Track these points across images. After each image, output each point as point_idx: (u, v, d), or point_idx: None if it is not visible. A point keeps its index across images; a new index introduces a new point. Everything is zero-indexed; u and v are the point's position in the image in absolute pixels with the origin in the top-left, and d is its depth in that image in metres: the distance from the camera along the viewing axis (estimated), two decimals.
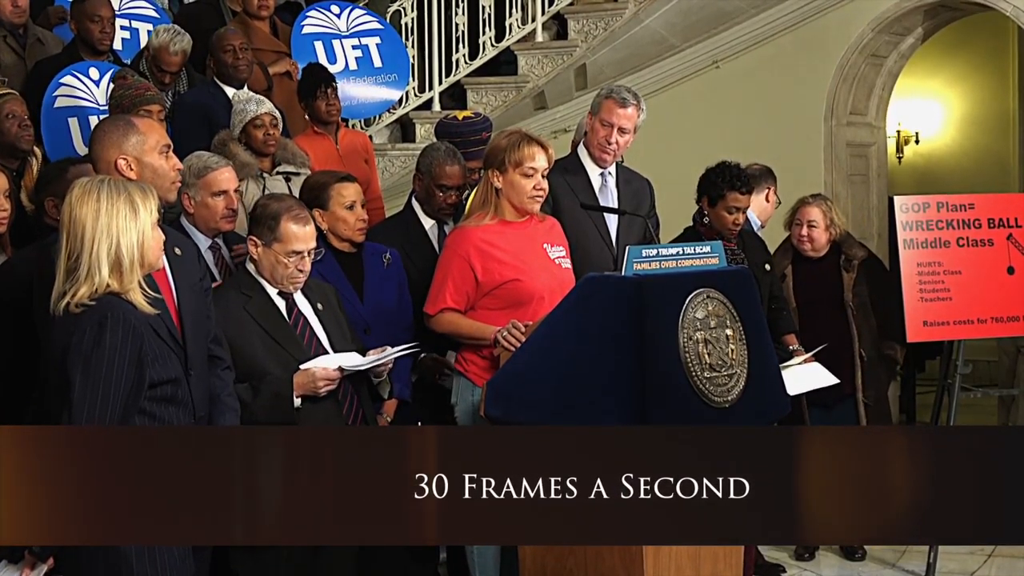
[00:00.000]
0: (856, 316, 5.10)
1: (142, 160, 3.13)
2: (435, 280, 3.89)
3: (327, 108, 5.28)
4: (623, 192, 4.47)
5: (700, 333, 3.22)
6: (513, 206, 3.84)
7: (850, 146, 7.41)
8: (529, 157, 3.79)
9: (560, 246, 3.95)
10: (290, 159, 4.80)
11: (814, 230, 5.15)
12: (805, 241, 5.16)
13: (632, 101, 4.36)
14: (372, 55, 6.68)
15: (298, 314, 3.60)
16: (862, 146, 7.54)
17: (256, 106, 4.73)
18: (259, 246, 3.56)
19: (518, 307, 3.77)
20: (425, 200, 4.40)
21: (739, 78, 7.32)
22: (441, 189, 4.33)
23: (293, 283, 3.58)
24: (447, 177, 4.32)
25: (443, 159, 4.35)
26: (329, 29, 6.58)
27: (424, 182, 4.38)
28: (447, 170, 4.33)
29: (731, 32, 7.38)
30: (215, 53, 5.45)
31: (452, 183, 4.33)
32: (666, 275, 3.28)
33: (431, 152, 4.42)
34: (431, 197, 4.35)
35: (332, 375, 3.45)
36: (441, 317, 3.86)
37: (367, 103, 6.72)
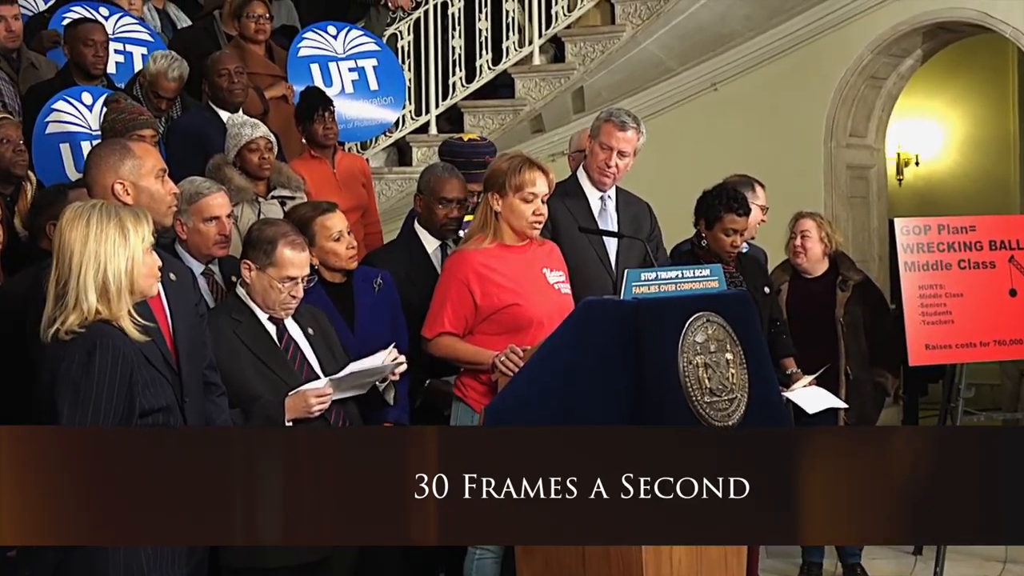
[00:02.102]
0: (845, 334, 5.11)
1: (139, 184, 3.14)
2: (433, 304, 3.90)
3: (324, 132, 5.29)
4: (622, 215, 4.48)
5: (700, 357, 3.23)
6: (512, 230, 3.85)
7: (850, 168, 7.44)
8: (530, 182, 3.81)
9: (559, 270, 3.96)
10: (285, 183, 4.81)
11: (807, 240, 5.17)
12: (800, 252, 5.17)
13: (632, 124, 4.37)
14: (369, 77, 6.70)
15: (288, 339, 3.60)
16: (862, 168, 7.57)
17: (251, 130, 4.74)
18: (253, 270, 3.57)
19: (517, 332, 3.77)
20: (428, 219, 4.41)
21: (737, 101, 7.35)
22: (442, 203, 4.33)
23: (285, 309, 3.58)
24: (447, 190, 4.33)
25: (441, 173, 4.38)
26: (326, 51, 6.61)
27: (425, 200, 4.40)
28: (446, 184, 4.34)
29: (729, 54, 7.42)
30: (210, 77, 5.47)
31: (452, 195, 4.33)
32: (665, 299, 3.29)
33: (429, 170, 4.46)
34: (432, 214, 4.37)
35: (324, 391, 3.45)
36: (439, 341, 3.86)
37: (363, 126, 6.74)
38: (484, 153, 4.72)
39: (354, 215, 5.03)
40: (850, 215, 7.33)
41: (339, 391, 3.52)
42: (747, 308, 3.52)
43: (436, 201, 4.34)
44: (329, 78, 6.54)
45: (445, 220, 4.35)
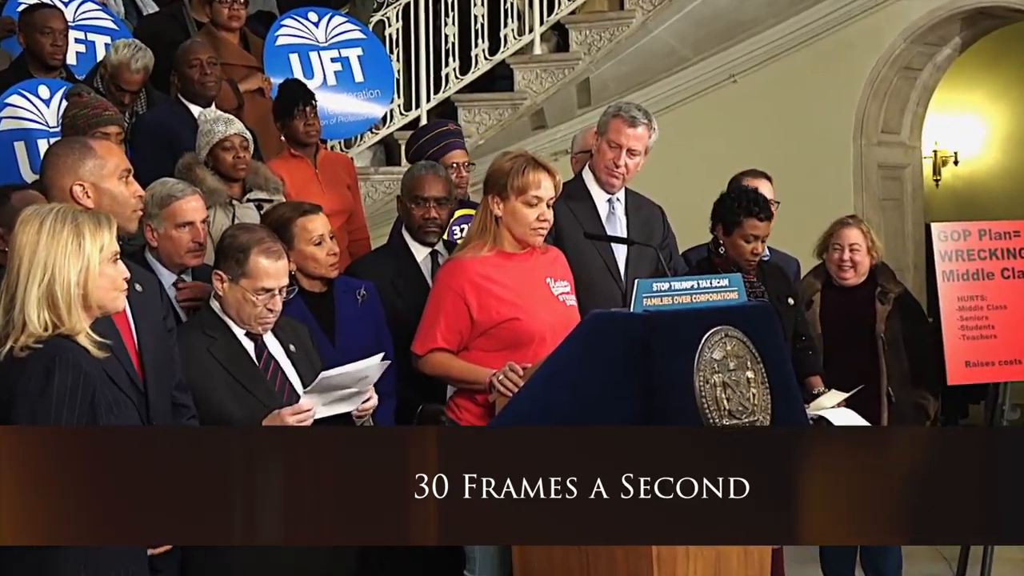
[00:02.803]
0: (887, 352, 5.11)
1: (100, 186, 3.14)
2: (425, 317, 3.90)
3: (306, 128, 5.30)
4: (632, 220, 4.49)
5: (718, 376, 3.23)
6: (514, 237, 3.85)
7: (882, 168, 7.45)
8: (534, 184, 3.81)
9: (564, 280, 3.96)
10: (263, 185, 4.81)
11: (857, 253, 5.14)
12: (847, 268, 5.14)
13: (642, 120, 4.38)
14: (353, 68, 6.71)
15: (268, 357, 3.60)
16: (895, 168, 7.59)
17: (225, 126, 4.74)
18: (225, 281, 3.57)
19: (517, 348, 3.77)
20: (407, 223, 4.44)
21: (758, 94, 7.37)
22: (416, 202, 4.35)
23: (262, 323, 3.58)
24: (420, 187, 4.36)
25: (418, 170, 4.43)
26: (306, 40, 6.62)
27: (403, 201, 4.43)
28: (421, 181, 4.37)
29: (749, 43, 7.44)
30: (179, 68, 5.48)
31: (428, 193, 4.35)
32: (679, 311, 3.29)
33: (409, 171, 4.51)
34: (409, 215, 4.40)
35: (302, 409, 3.44)
36: (431, 358, 3.86)
37: (347, 121, 6.75)
38: (440, 126, 4.89)
39: (338, 219, 5.04)
40: (882, 219, 7.35)
41: (321, 408, 3.51)
42: (769, 321, 3.52)
43: (410, 200, 4.37)
44: (310, 69, 6.54)
45: (421, 221, 4.36)
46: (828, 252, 5.22)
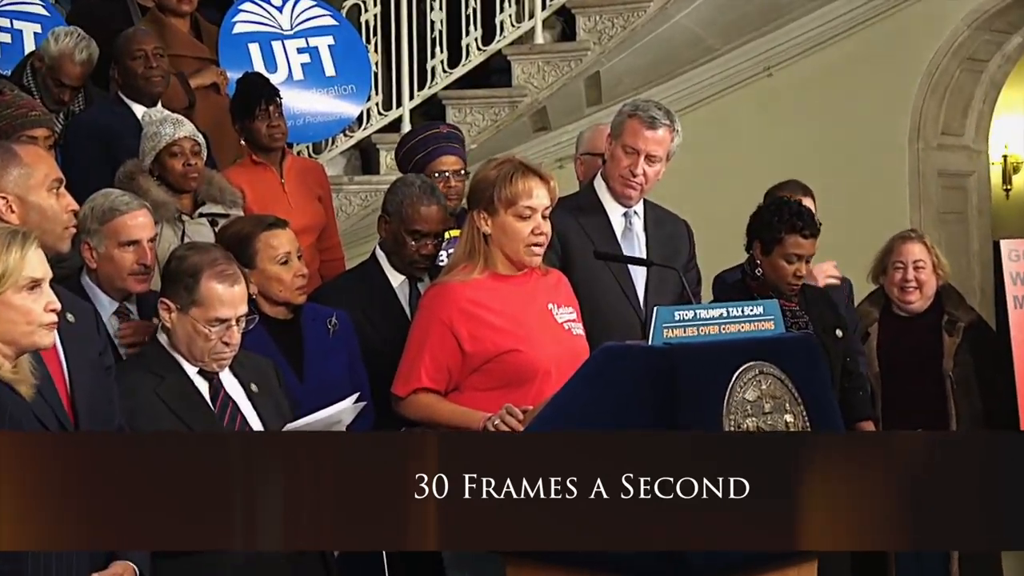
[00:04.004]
0: (956, 392, 5.10)
1: (26, 199, 3.15)
2: (407, 352, 3.90)
3: (269, 131, 5.31)
4: (653, 237, 4.50)
5: (751, 420, 3.23)
6: (507, 256, 3.86)
7: (942, 176, 7.46)
8: (525, 193, 3.82)
9: (570, 307, 3.97)
10: (217, 197, 4.82)
11: (922, 272, 5.15)
12: (911, 289, 5.15)
13: (664, 121, 4.39)
14: (323, 60, 6.73)
15: (225, 398, 3.60)
16: (958, 176, 7.60)
17: (173, 128, 4.76)
18: (173, 311, 3.57)
19: (516, 386, 3.77)
20: (393, 250, 4.42)
21: (797, 89, 7.38)
22: (414, 236, 4.35)
23: (217, 360, 3.58)
24: (422, 220, 4.35)
25: (417, 197, 4.38)
26: (268, 27, 6.65)
27: (392, 226, 4.41)
28: (422, 211, 4.35)
29: (786, 31, 7.46)
30: (121, 61, 5.49)
31: (428, 228, 4.35)
32: (707, 344, 3.29)
33: (401, 188, 4.45)
34: (401, 247, 4.38)
35: None
36: (414, 400, 3.86)
37: (317, 122, 6.77)
38: (428, 128, 4.94)
39: (308, 237, 5.05)
40: (943, 235, 7.34)
41: None
42: (812, 356, 3.52)
43: (407, 232, 4.36)
44: (273, 62, 6.57)
45: (415, 257, 4.37)
46: (887, 273, 5.21)
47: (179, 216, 4.69)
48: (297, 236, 4.21)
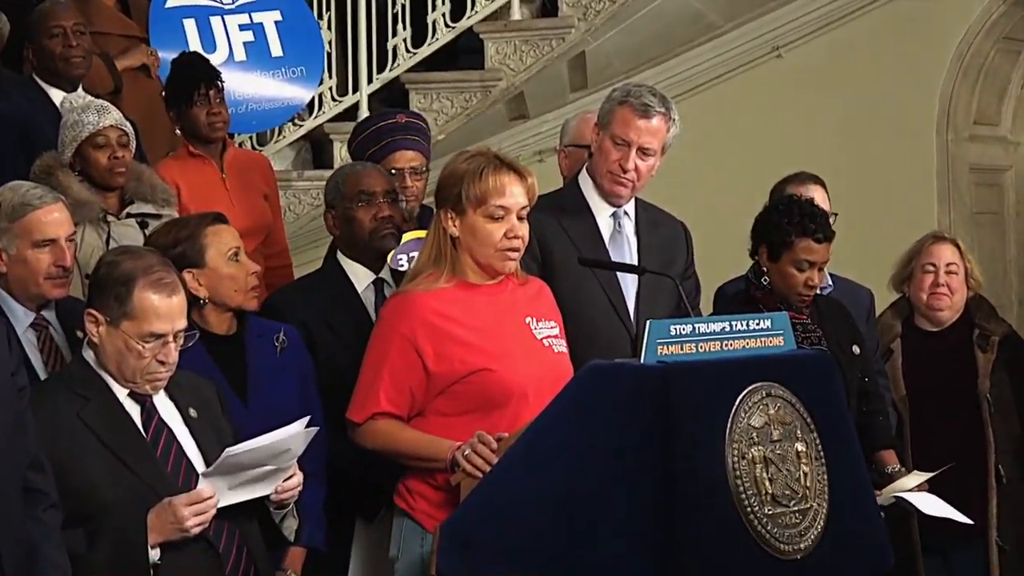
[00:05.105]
0: (993, 416, 5.13)
1: None
2: (364, 372, 3.90)
3: (208, 119, 5.32)
4: (645, 241, 4.52)
5: (757, 449, 3.25)
6: (478, 263, 3.88)
7: (975, 171, 7.49)
8: (496, 191, 3.83)
9: (551, 320, 3.97)
10: (148, 195, 4.82)
11: (953, 277, 5.17)
12: (942, 294, 5.17)
13: (658, 109, 4.41)
14: (269, 38, 6.74)
15: (159, 424, 3.59)
16: (993, 171, 7.63)
17: (97, 116, 4.75)
18: (101, 324, 3.57)
19: (489, 411, 3.78)
20: (349, 238, 4.47)
21: (809, 72, 7.41)
22: (362, 201, 4.43)
23: (151, 381, 3.57)
24: (363, 182, 4.46)
25: (351, 168, 4.53)
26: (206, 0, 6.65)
27: (338, 211, 4.47)
28: (361, 175, 4.47)
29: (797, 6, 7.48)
30: (37, 39, 5.49)
31: (373, 186, 4.45)
32: (706, 363, 3.31)
33: (336, 174, 4.60)
34: (355, 226, 4.45)
35: (202, 496, 3.43)
36: (372, 427, 3.86)
37: (262, 110, 6.77)
38: (382, 119, 4.96)
39: (251, 241, 5.03)
40: (976, 238, 7.38)
41: (227, 493, 3.51)
42: (826, 376, 3.54)
43: (354, 202, 4.42)
44: (211, 40, 6.57)
45: (374, 223, 4.43)
46: (914, 278, 5.24)
47: (104, 217, 4.68)
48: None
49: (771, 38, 7.50)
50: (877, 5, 7.35)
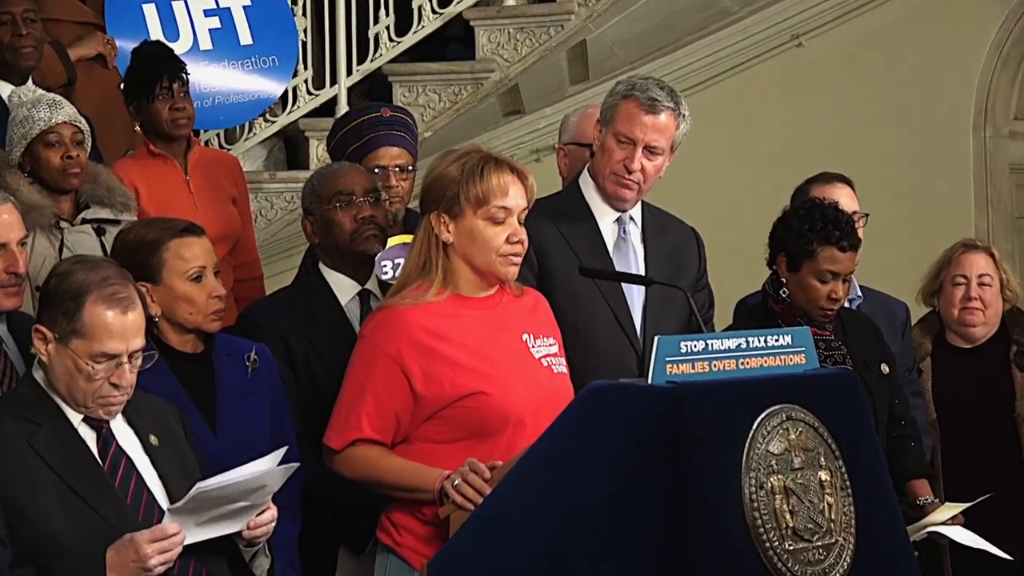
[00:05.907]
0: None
1: None
2: (343, 395, 3.91)
3: (171, 115, 5.32)
4: (653, 249, 4.54)
5: (777, 478, 3.25)
6: (475, 271, 3.88)
7: (1016, 171, 7.51)
8: (498, 190, 3.84)
9: (550, 337, 3.99)
10: (105, 198, 4.83)
11: (987, 290, 5.19)
12: (975, 308, 5.19)
13: (666, 103, 4.43)
14: (238, 25, 6.74)
15: (117, 452, 3.59)
16: None
17: (49, 112, 4.76)
18: (51, 342, 3.57)
19: (482, 438, 3.79)
20: (330, 244, 4.49)
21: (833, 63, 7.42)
22: (340, 202, 4.46)
23: (104, 406, 3.57)
24: (342, 182, 4.50)
25: (328, 169, 4.60)
26: None
27: (316, 216, 4.50)
28: (338, 175, 4.53)
29: None
30: None
31: (352, 185, 4.50)
32: (720, 383, 3.32)
33: (313, 177, 4.63)
34: (335, 229, 4.47)
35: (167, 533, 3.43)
36: (353, 454, 3.87)
37: (230, 104, 6.78)
38: (366, 112, 4.99)
39: (219, 249, 5.01)
40: (1017, 244, 7.40)
41: (194, 529, 3.51)
42: (853, 398, 3.55)
43: (333, 203, 4.45)
44: (174, 27, 6.58)
45: (355, 225, 4.46)
46: (944, 290, 5.25)
47: (57, 222, 4.69)
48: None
49: (791, 25, 7.51)
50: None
